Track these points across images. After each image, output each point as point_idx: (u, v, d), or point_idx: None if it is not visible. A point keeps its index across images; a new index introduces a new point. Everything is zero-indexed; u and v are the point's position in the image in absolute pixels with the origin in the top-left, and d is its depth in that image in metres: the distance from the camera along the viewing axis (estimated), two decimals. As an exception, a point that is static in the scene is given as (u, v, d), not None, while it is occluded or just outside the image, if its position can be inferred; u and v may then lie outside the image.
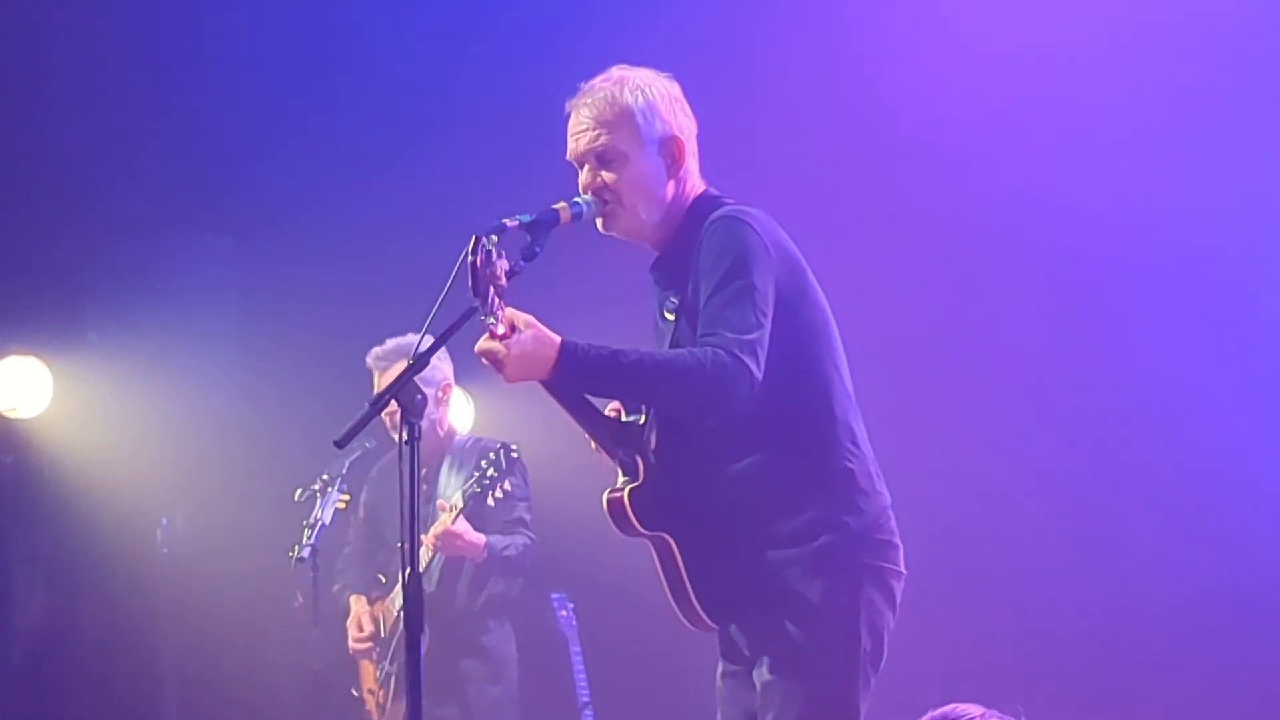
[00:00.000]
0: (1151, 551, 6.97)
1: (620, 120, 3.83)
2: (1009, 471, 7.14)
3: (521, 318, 3.61)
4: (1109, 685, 6.95)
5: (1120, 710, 6.85)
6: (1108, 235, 7.07)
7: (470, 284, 3.46)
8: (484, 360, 3.62)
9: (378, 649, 6.54)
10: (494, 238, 3.49)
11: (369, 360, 6.46)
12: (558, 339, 3.62)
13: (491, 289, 3.48)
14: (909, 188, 7.16)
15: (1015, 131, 6.97)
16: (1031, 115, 6.98)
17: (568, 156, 3.91)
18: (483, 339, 3.61)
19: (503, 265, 3.50)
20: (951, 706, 5.68)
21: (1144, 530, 7.02)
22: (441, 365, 6.38)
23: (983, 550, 7.10)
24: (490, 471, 6.11)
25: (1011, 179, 7.05)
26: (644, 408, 3.84)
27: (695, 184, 3.93)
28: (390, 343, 6.44)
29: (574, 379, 3.67)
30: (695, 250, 3.78)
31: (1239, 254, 6.88)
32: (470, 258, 3.44)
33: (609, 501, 3.83)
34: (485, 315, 3.51)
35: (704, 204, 3.89)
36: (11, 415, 7.67)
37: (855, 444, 3.81)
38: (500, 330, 3.55)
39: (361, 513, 6.71)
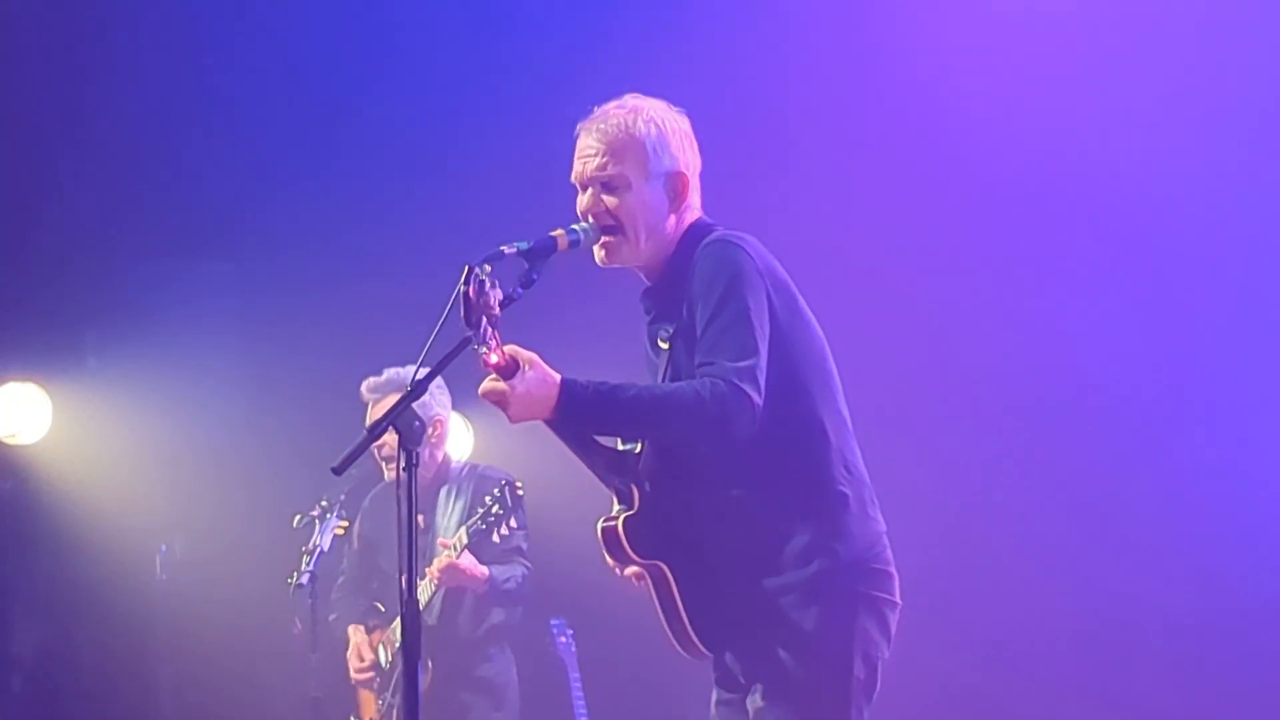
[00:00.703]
0: (1148, 558, 6.96)
1: (630, 149, 3.84)
2: (1005, 480, 7.14)
3: (525, 356, 3.61)
4: (1106, 695, 6.94)
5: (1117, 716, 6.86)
6: (1100, 237, 7.08)
7: (463, 314, 3.46)
8: (489, 401, 3.62)
9: (379, 680, 6.54)
10: (487, 267, 3.49)
11: (363, 391, 6.46)
12: (558, 377, 3.62)
13: (484, 318, 3.48)
14: (903, 192, 7.16)
15: (1011, 132, 6.97)
16: (1026, 115, 6.97)
17: (572, 178, 3.91)
18: (486, 380, 3.61)
19: (496, 295, 3.49)
20: None
21: (1141, 537, 7.00)
22: (434, 403, 6.36)
23: (978, 560, 7.09)
24: (495, 509, 6.11)
25: (1006, 183, 7.07)
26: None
27: (693, 216, 3.93)
28: (386, 374, 6.43)
29: (576, 417, 3.67)
30: (687, 277, 3.78)
31: (1236, 254, 6.89)
32: (463, 287, 3.45)
33: (603, 530, 3.82)
34: (478, 345, 3.51)
35: (696, 231, 3.89)
36: (11, 441, 7.67)
37: (849, 469, 3.80)
38: (493, 359, 3.55)
39: (355, 543, 6.70)
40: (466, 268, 3.46)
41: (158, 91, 7.42)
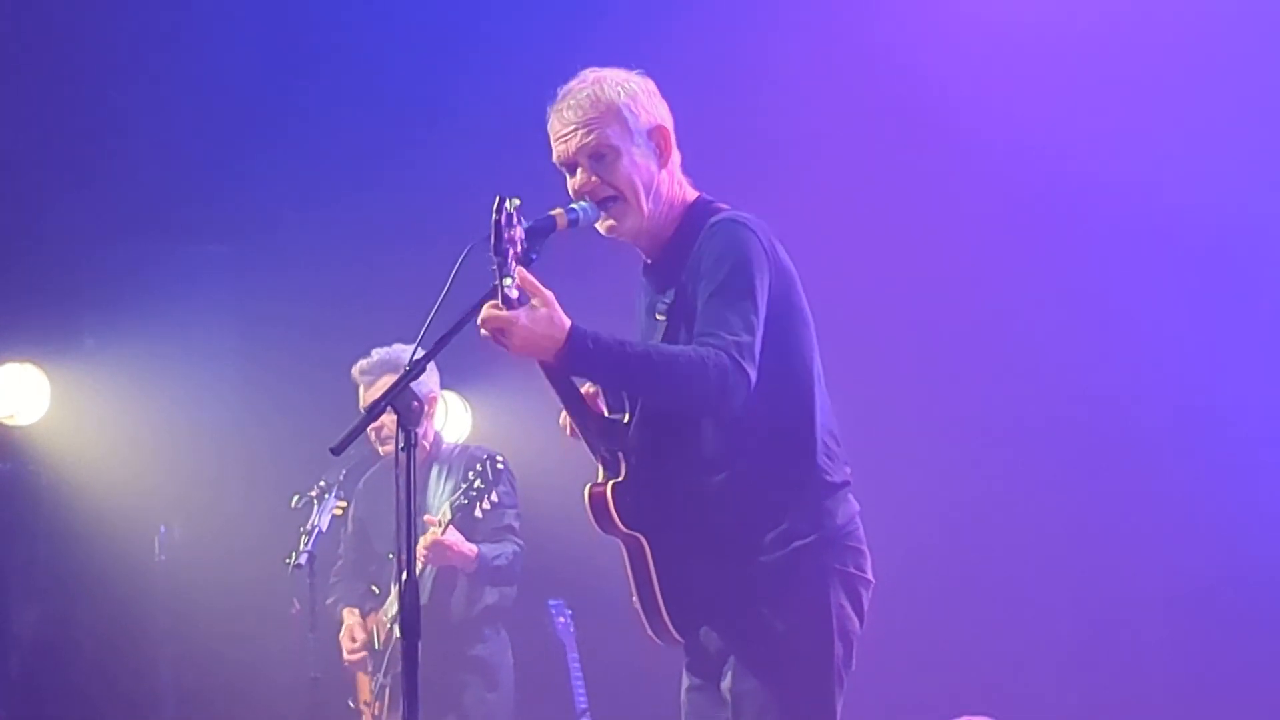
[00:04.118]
0: (1146, 555, 6.95)
1: (607, 116, 3.83)
2: (1001, 474, 7.13)
3: (543, 293, 3.59)
4: (1102, 688, 6.94)
5: (1115, 714, 6.85)
6: (1103, 233, 7.06)
7: (492, 242, 3.46)
8: (489, 328, 3.55)
9: (371, 661, 6.54)
10: (516, 200, 3.50)
11: (354, 373, 6.45)
12: (568, 322, 3.60)
13: (510, 250, 3.48)
14: (905, 185, 7.14)
15: (1012, 126, 6.95)
16: (1031, 108, 6.93)
17: (555, 160, 3.89)
18: (488, 306, 3.55)
19: (521, 231, 3.50)
20: None
21: (1138, 533, 7.00)
22: (428, 378, 6.36)
23: (975, 553, 7.08)
24: (477, 483, 6.11)
25: (1008, 177, 7.04)
26: (628, 407, 3.83)
27: (683, 181, 3.94)
28: (376, 355, 6.42)
29: (578, 364, 3.65)
30: (691, 253, 3.78)
31: (1238, 253, 6.87)
32: (494, 215, 3.46)
33: (591, 495, 3.81)
34: (503, 277, 3.50)
35: (700, 208, 3.89)
36: (9, 422, 7.67)
37: (830, 456, 3.82)
38: (514, 294, 3.52)
39: (350, 526, 6.70)
40: (498, 198, 3.47)
41: (154, 72, 7.40)
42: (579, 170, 3.84)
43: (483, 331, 3.56)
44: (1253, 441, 6.86)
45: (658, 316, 3.84)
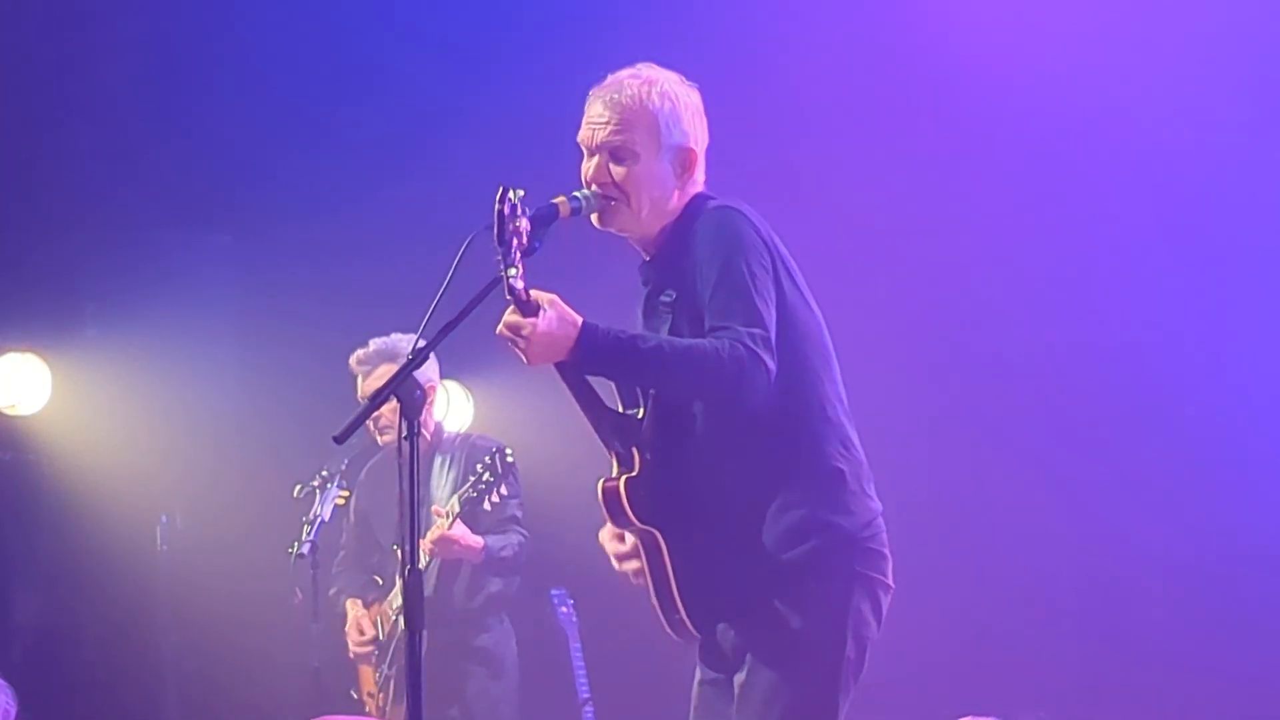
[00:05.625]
0: (1152, 549, 6.94)
1: (642, 121, 3.82)
2: (1006, 467, 7.12)
3: (545, 296, 3.59)
4: (1108, 684, 6.93)
5: (1121, 709, 6.84)
6: (1106, 227, 7.05)
7: (495, 232, 3.47)
8: (507, 336, 3.57)
9: (376, 653, 6.55)
10: (520, 190, 3.50)
11: (352, 363, 6.46)
12: (579, 319, 3.61)
13: (514, 241, 3.48)
14: (910, 182, 7.13)
15: (1018, 124, 6.95)
16: (1036, 105, 6.93)
17: (579, 139, 3.88)
18: (508, 312, 3.57)
19: (525, 222, 3.50)
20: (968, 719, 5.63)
21: (1145, 527, 6.99)
22: (427, 368, 6.35)
23: (981, 548, 7.08)
24: (486, 476, 6.12)
25: (1014, 173, 7.03)
26: (642, 401, 3.82)
27: (695, 190, 3.92)
28: (374, 345, 6.43)
29: (592, 361, 3.65)
30: (688, 246, 3.77)
31: (1240, 244, 6.86)
32: (497, 205, 3.46)
33: (604, 490, 3.80)
34: (507, 267, 3.50)
35: (697, 202, 3.88)
36: (10, 412, 7.67)
37: (846, 446, 3.80)
38: (519, 285, 3.52)
39: (352, 517, 6.72)
40: (501, 188, 3.48)
41: (159, 61, 7.39)
42: (596, 161, 3.84)
43: (503, 332, 3.57)
44: (1271, 438, 6.84)
45: (662, 312, 3.82)
